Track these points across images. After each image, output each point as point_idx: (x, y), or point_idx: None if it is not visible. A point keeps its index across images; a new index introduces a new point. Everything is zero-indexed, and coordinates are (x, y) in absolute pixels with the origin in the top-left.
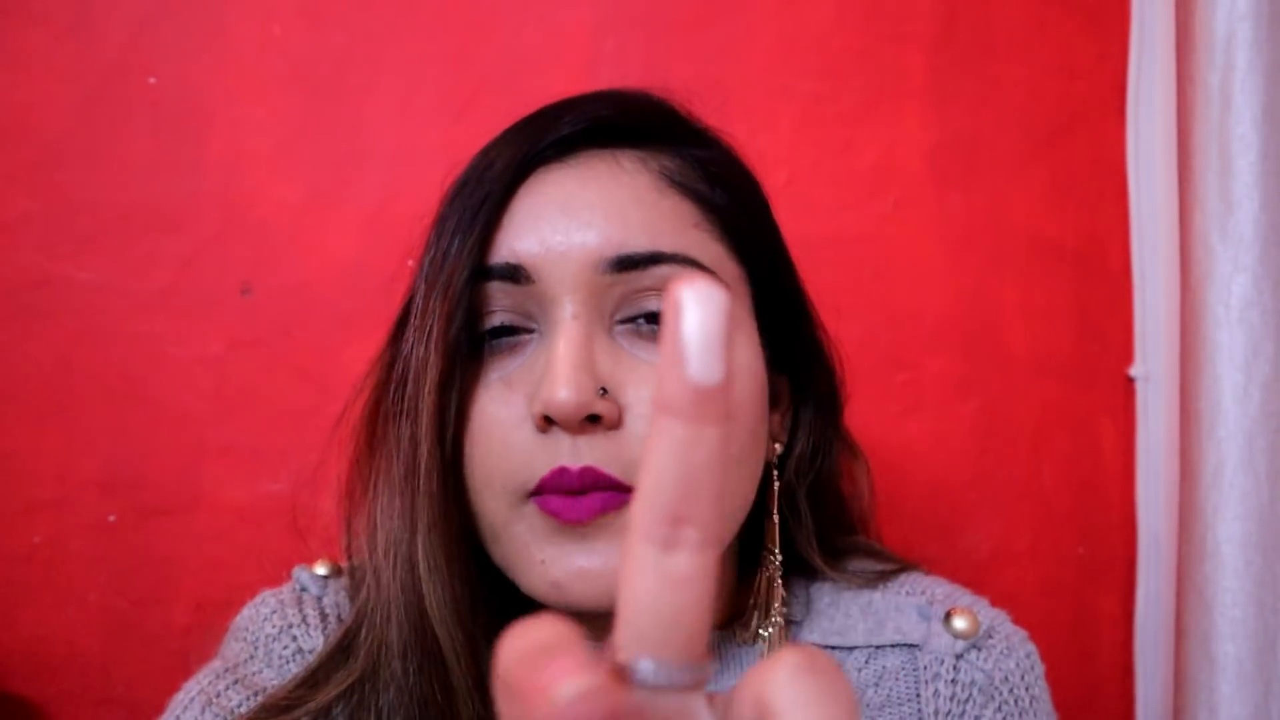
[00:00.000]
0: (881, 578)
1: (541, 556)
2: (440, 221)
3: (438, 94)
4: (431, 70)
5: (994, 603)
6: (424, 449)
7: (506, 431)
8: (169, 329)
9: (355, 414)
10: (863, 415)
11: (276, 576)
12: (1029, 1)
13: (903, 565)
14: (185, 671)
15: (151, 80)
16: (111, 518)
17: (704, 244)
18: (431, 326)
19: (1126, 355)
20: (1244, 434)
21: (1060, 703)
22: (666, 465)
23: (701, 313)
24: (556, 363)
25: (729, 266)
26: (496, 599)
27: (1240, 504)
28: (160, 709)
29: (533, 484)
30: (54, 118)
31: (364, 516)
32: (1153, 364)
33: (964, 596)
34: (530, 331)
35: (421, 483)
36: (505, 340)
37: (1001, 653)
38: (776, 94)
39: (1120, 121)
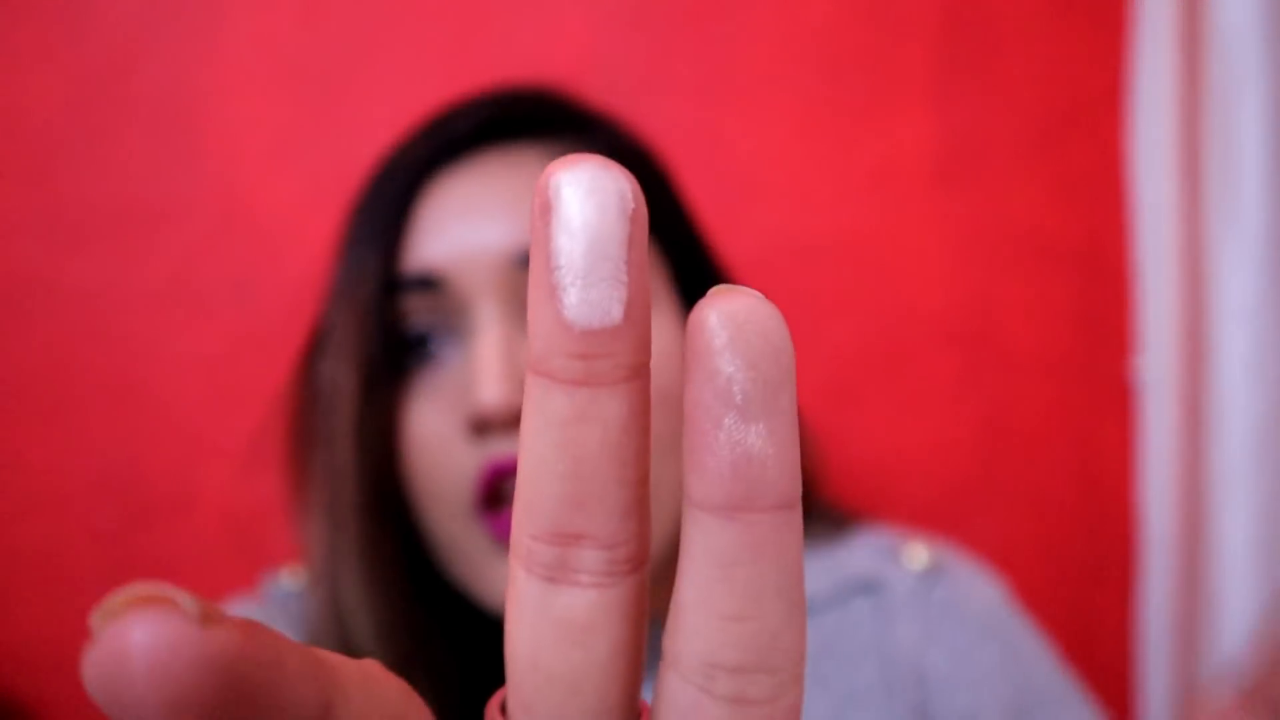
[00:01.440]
0: (839, 532)
1: (491, 576)
2: (346, 237)
3: (436, 93)
4: (431, 69)
5: None
6: (346, 478)
7: (440, 446)
8: (166, 328)
9: (277, 437)
10: (863, 415)
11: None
12: None
13: (855, 517)
14: None
15: (149, 79)
16: (109, 519)
17: None
18: (345, 346)
19: (1128, 355)
20: (1249, 434)
21: None
22: (543, 455)
23: (589, 209)
24: (479, 364)
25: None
26: (451, 616)
27: (1246, 505)
28: None
29: (471, 495)
30: (49, 115)
31: (304, 546)
32: (1156, 364)
33: (917, 535)
34: (450, 340)
35: (343, 514)
36: (426, 351)
37: (966, 578)
38: (776, 94)
39: (1123, 119)
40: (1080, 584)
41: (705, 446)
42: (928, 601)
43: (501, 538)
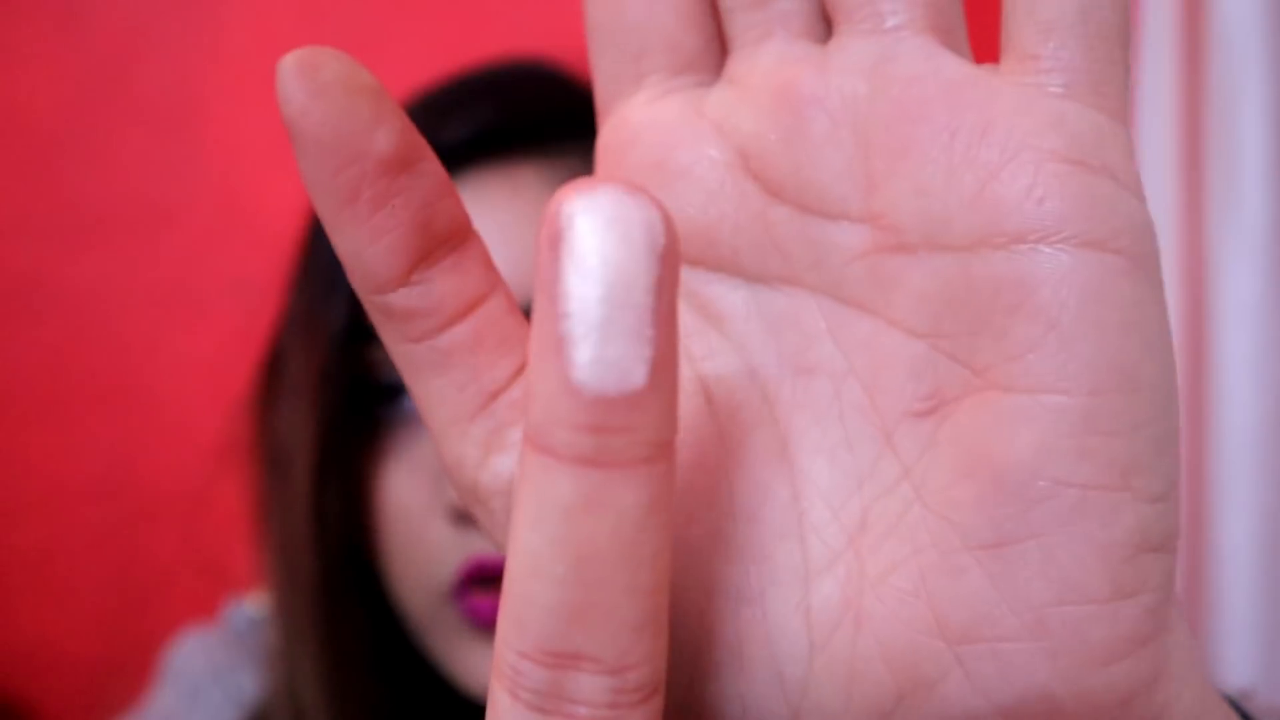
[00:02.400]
0: None
1: (469, 661)
2: (304, 262)
3: None
4: (430, 69)
5: None
6: (301, 553)
7: (414, 523)
8: (165, 328)
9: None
10: None
11: None
12: None
13: None
14: None
15: (150, 79)
16: (108, 519)
17: None
18: (303, 392)
19: None
20: (1252, 435)
21: None
22: (538, 552)
23: (609, 244)
24: None
25: None
26: (423, 696)
27: (1247, 506)
28: None
29: (448, 583)
30: (49, 115)
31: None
32: None
33: None
34: None
35: (299, 597)
36: (400, 405)
37: None
38: None
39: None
40: None
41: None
42: None
43: (481, 622)
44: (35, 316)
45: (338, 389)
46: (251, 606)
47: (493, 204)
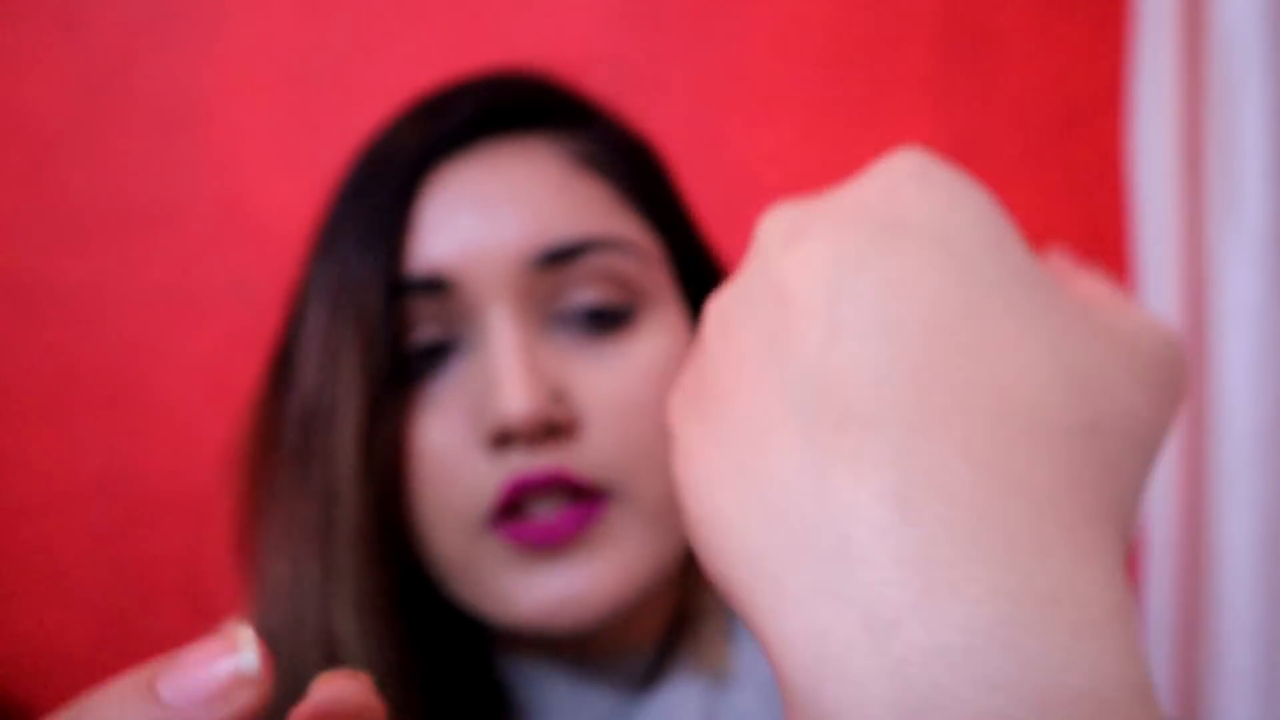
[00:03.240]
0: None
1: (512, 589)
2: (332, 231)
3: None
4: (430, 69)
5: None
6: (347, 497)
7: (452, 461)
8: (166, 327)
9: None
10: None
11: None
12: None
13: None
14: None
15: (150, 79)
16: (109, 519)
17: (627, 223)
18: (343, 355)
19: None
20: (1251, 435)
21: None
22: None
23: None
24: (503, 371)
25: (652, 243)
26: (449, 646)
27: (1248, 505)
28: None
29: (487, 509)
30: (51, 116)
31: (272, 581)
32: None
33: None
34: (457, 347)
35: (342, 538)
36: (432, 362)
37: None
38: (776, 94)
39: (1124, 119)
40: None
41: None
42: None
43: (524, 544)
44: (36, 316)
45: (381, 347)
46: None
47: (505, 169)
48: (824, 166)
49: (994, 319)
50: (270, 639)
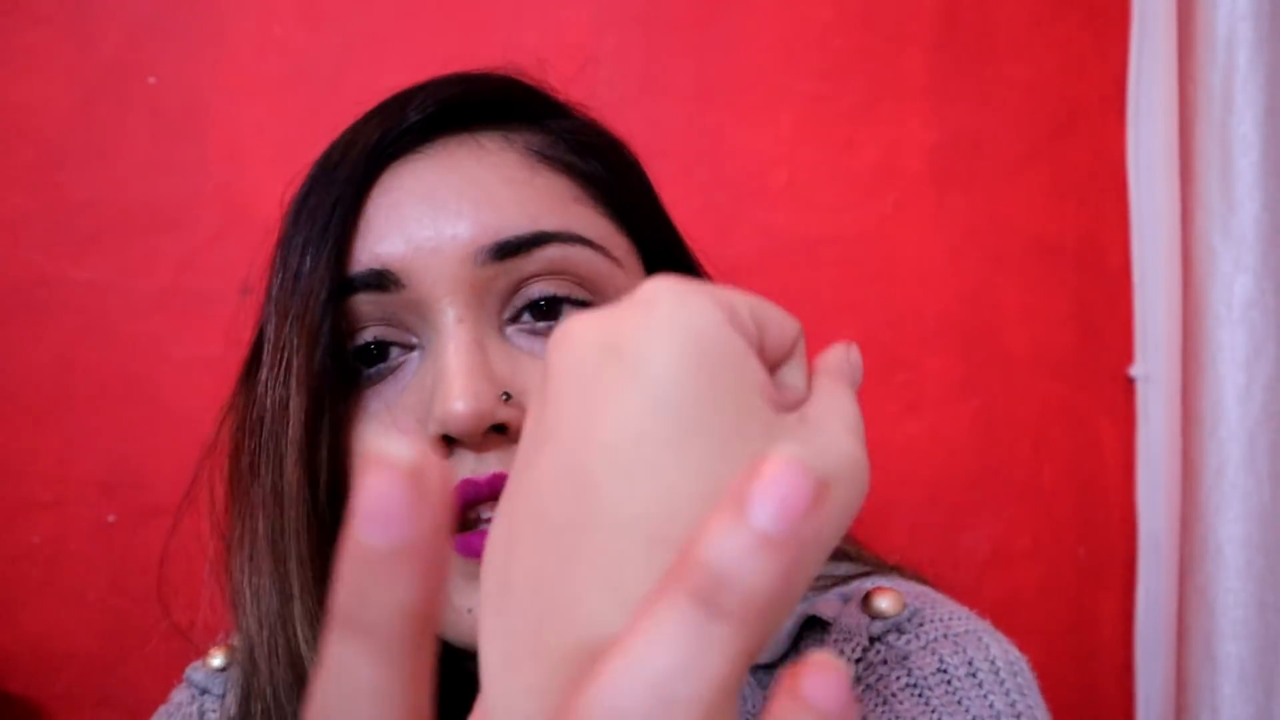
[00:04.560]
0: (842, 582)
1: (466, 604)
2: (286, 238)
3: None
4: (431, 69)
5: (994, 604)
6: (291, 504)
7: None
8: (169, 329)
9: (215, 470)
10: (863, 415)
11: None
12: (1029, 1)
13: (877, 567)
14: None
15: (151, 80)
16: (111, 518)
17: (586, 218)
18: (289, 359)
19: (1127, 355)
20: (1246, 434)
21: (1060, 703)
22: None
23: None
24: (448, 372)
25: (617, 240)
26: None
27: (1242, 504)
28: None
29: None
30: (54, 117)
31: (239, 587)
32: (1153, 364)
33: (931, 595)
34: (409, 347)
35: (291, 544)
36: (382, 364)
37: (934, 637)
38: (776, 94)
39: (1121, 121)
40: (1077, 582)
41: None
42: (867, 656)
43: (472, 556)
44: (40, 317)
45: (324, 345)
46: (216, 658)
47: (457, 165)
48: (824, 166)
49: (662, 444)
50: (247, 652)
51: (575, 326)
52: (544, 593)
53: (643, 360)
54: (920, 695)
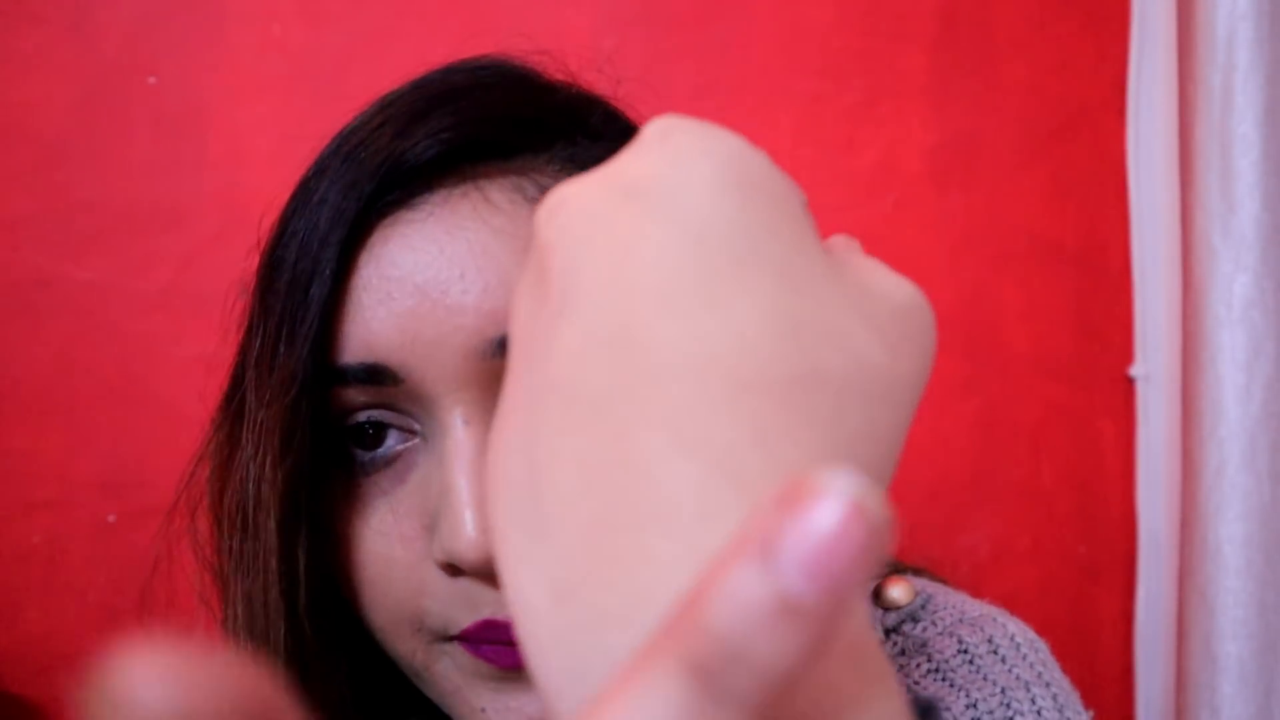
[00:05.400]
0: None
1: (480, 704)
2: (261, 295)
3: None
4: (430, 69)
5: (991, 600)
6: (271, 616)
7: (407, 574)
8: (169, 329)
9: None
10: None
11: None
12: (1029, 1)
13: (895, 569)
14: None
15: (151, 80)
16: (111, 518)
17: None
18: (265, 445)
19: (1127, 355)
20: (1246, 434)
21: None
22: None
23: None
24: (457, 496)
25: None
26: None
27: (1242, 504)
28: None
29: (453, 630)
30: (54, 117)
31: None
32: (1153, 364)
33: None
34: (410, 432)
35: (269, 634)
36: (379, 451)
37: (950, 622)
38: (776, 94)
39: (1120, 120)
40: (1077, 581)
41: None
42: (894, 647)
43: (494, 663)
44: (41, 317)
45: (305, 434)
46: None
47: (462, 226)
48: (824, 166)
49: (712, 275)
50: None
51: (570, 189)
52: (599, 487)
53: (672, 192)
54: (944, 678)
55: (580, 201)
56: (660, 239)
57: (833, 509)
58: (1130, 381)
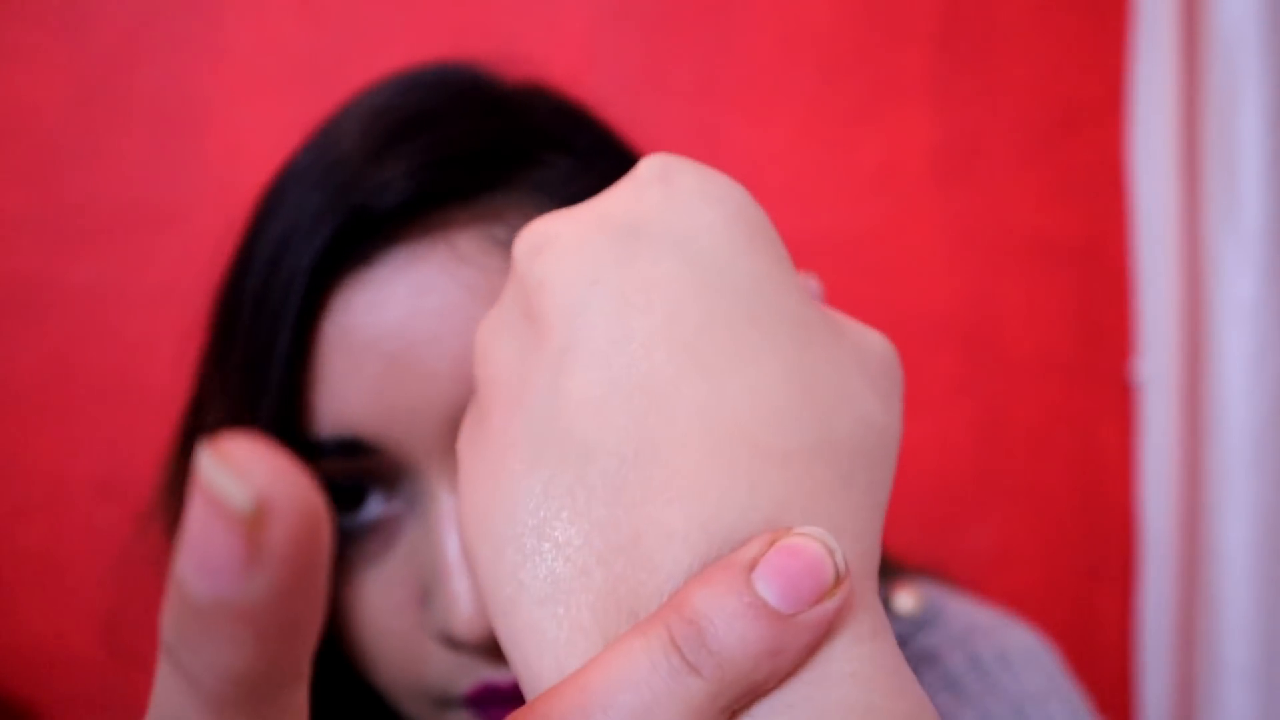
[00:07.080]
0: None
1: None
2: (221, 332)
3: None
4: None
5: (994, 604)
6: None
7: (404, 645)
8: (168, 328)
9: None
10: None
11: None
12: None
13: (899, 572)
14: None
15: (151, 79)
16: (109, 518)
17: None
18: None
19: (1128, 355)
20: (1250, 434)
21: None
22: None
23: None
24: (449, 570)
25: None
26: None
27: (1246, 505)
28: None
29: (454, 693)
30: (52, 115)
31: None
32: (1155, 364)
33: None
34: (393, 495)
35: None
36: (361, 515)
37: (960, 630)
38: (776, 93)
39: (1122, 120)
40: (1079, 583)
41: None
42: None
43: None
44: (37, 317)
45: None
46: None
47: (431, 283)
48: (824, 166)
49: (733, 331)
50: None
51: (558, 225)
52: (611, 560)
53: (686, 239)
54: (956, 691)
55: (574, 240)
56: (678, 287)
57: (810, 551)
58: (1131, 381)
